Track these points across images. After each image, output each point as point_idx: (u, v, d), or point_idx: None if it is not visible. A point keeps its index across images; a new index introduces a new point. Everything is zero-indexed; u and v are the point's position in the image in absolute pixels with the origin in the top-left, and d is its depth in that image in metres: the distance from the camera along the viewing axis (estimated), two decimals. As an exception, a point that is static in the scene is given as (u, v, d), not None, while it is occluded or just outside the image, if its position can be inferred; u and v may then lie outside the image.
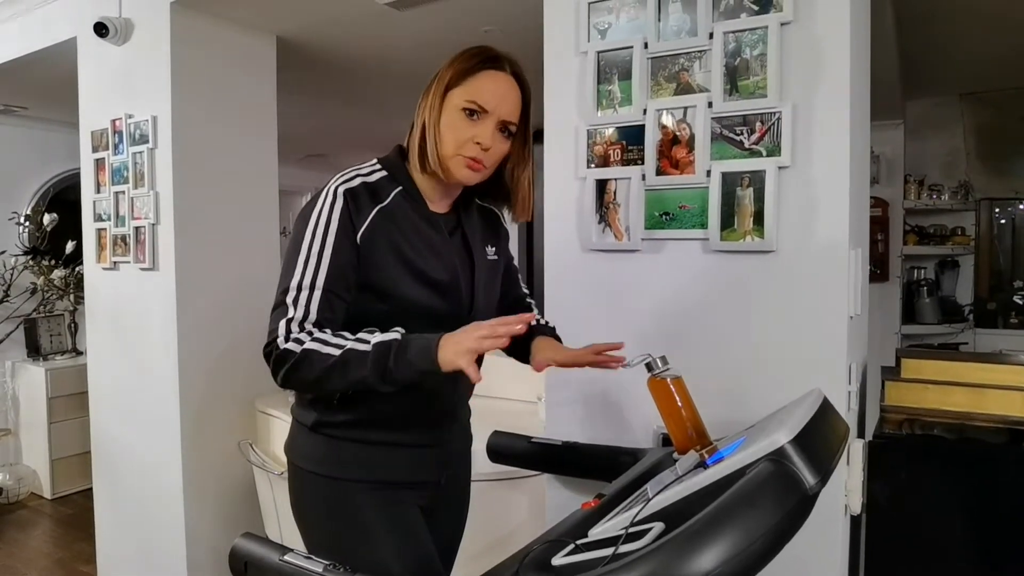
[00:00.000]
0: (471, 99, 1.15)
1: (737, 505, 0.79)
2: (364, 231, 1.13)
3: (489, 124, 1.16)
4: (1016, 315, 4.21)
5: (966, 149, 4.19)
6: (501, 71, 1.18)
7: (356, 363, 1.03)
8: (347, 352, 1.04)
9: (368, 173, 1.19)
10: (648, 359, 1.27)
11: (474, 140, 1.15)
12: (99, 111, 2.72)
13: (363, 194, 1.15)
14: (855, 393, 1.44)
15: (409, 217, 1.19)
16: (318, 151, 5.59)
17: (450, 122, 1.15)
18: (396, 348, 1.03)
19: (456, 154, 1.16)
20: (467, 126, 1.15)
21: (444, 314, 1.22)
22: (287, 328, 1.08)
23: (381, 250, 1.14)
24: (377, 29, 2.73)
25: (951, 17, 2.83)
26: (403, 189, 1.20)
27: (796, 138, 1.38)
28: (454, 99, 1.16)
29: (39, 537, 3.53)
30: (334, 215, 1.12)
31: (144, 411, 2.63)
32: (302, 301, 1.09)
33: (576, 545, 0.93)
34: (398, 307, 1.16)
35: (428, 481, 1.26)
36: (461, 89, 1.16)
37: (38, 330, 4.17)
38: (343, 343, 1.05)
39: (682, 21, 1.48)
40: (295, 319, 1.08)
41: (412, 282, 1.16)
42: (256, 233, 2.74)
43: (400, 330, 1.07)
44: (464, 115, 1.15)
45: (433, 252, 1.20)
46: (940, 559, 1.46)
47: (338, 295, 1.11)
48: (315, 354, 1.05)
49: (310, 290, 1.10)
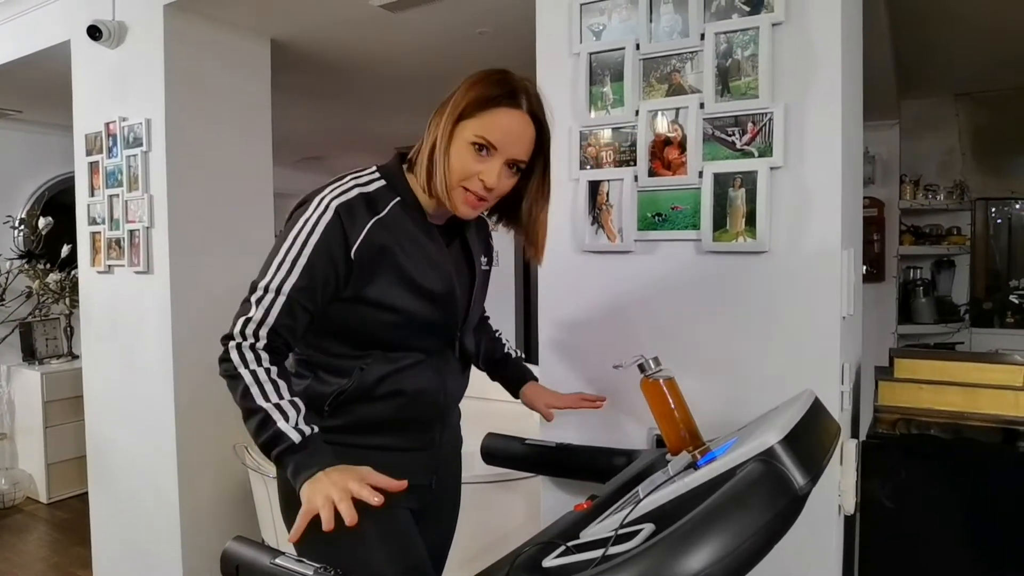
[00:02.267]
0: (481, 135, 1.11)
1: (726, 506, 0.79)
2: (360, 244, 1.12)
3: (496, 163, 1.13)
4: (1012, 314, 4.22)
5: (961, 149, 4.20)
6: (517, 109, 1.13)
7: (261, 426, 1.05)
8: (265, 412, 1.05)
9: (366, 183, 1.17)
10: (641, 360, 1.27)
11: (479, 176, 1.12)
12: (93, 114, 2.72)
13: (359, 206, 1.13)
14: (848, 393, 1.44)
15: (406, 228, 1.17)
16: (314, 153, 5.59)
17: (458, 153, 1.12)
18: (285, 447, 1.03)
19: (459, 186, 1.13)
20: (474, 161, 1.12)
21: (438, 324, 1.22)
22: (243, 328, 1.10)
23: (376, 261, 1.13)
24: (371, 31, 2.73)
25: (945, 19, 2.83)
26: (401, 200, 1.18)
27: (788, 139, 1.38)
28: (465, 131, 1.12)
29: (35, 542, 3.52)
30: (319, 227, 1.10)
31: (139, 414, 2.63)
32: (264, 303, 1.10)
33: (567, 547, 0.93)
34: (392, 317, 1.16)
35: (419, 484, 1.25)
36: (474, 122, 1.11)
37: (33, 334, 4.16)
38: (269, 400, 1.06)
39: (674, 22, 1.49)
40: (253, 320, 1.10)
41: (407, 294, 1.16)
42: (251, 236, 2.73)
43: (309, 430, 1.06)
44: (473, 149, 1.12)
45: (430, 263, 1.19)
46: (934, 559, 1.46)
47: (303, 306, 1.11)
48: (247, 388, 1.06)
49: (275, 294, 1.10)
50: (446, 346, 1.26)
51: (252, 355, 1.09)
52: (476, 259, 1.27)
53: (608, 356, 1.48)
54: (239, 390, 1.07)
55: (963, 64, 3.51)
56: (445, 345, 1.25)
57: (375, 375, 1.17)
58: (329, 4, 2.45)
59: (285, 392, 1.07)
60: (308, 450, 1.03)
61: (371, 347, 1.17)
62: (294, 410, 1.06)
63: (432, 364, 1.23)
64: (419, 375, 1.21)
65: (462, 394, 1.34)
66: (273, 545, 1.93)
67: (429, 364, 1.22)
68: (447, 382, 1.26)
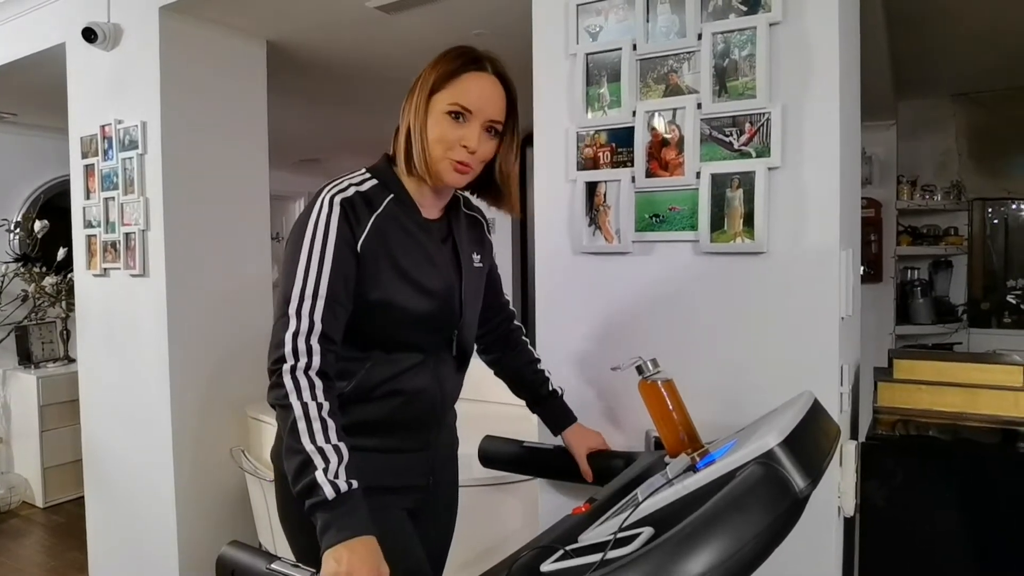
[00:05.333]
0: (456, 102, 1.14)
1: (726, 509, 0.78)
2: (364, 240, 1.12)
3: (475, 126, 1.16)
4: (1010, 315, 4.22)
5: (958, 150, 4.20)
6: (484, 72, 1.17)
7: (300, 470, 1.00)
8: (307, 455, 1.00)
9: (360, 182, 1.18)
10: (639, 362, 1.26)
11: (461, 143, 1.15)
12: (88, 117, 2.71)
13: (359, 203, 1.14)
14: (847, 394, 1.44)
15: (403, 225, 1.18)
16: (310, 155, 5.58)
17: (436, 125, 1.15)
18: (318, 501, 0.99)
19: (444, 157, 1.15)
20: (453, 129, 1.15)
21: (437, 322, 1.21)
22: (293, 346, 1.05)
23: (378, 259, 1.13)
24: (368, 33, 2.72)
25: (942, 20, 2.84)
26: (395, 197, 1.19)
27: (786, 139, 1.38)
28: (439, 103, 1.15)
29: (31, 546, 3.50)
30: (332, 224, 1.10)
31: (136, 418, 2.61)
32: (306, 311, 1.07)
33: (565, 551, 0.92)
34: (393, 314, 1.15)
35: (415, 485, 1.25)
36: (445, 92, 1.15)
37: (29, 338, 4.14)
38: (315, 441, 1.01)
39: (671, 22, 1.48)
40: (301, 332, 1.06)
41: (408, 291, 1.16)
42: (247, 238, 2.73)
43: (346, 486, 1.00)
44: (450, 118, 1.15)
45: (428, 261, 1.20)
46: (934, 560, 1.45)
47: (340, 302, 1.10)
48: (295, 423, 1.02)
49: (313, 297, 1.07)
50: (443, 345, 1.25)
51: (306, 382, 1.05)
52: (463, 256, 1.27)
53: (606, 358, 1.47)
54: (288, 422, 1.03)
55: (960, 65, 3.51)
56: (442, 344, 1.25)
57: (375, 376, 1.17)
58: (325, 6, 2.44)
59: (332, 434, 1.03)
60: (339, 510, 0.98)
61: (371, 347, 1.17)
62: (336, 457, 1.01)
63: (429, 364, 1.22)
64: (416, 376, 1.20)
65: (458, 394, 1.33)
66: (270, 550, 1.92)
67: (426, 364, 1.22)
68: (444, 382, 1.26)
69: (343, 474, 1.00)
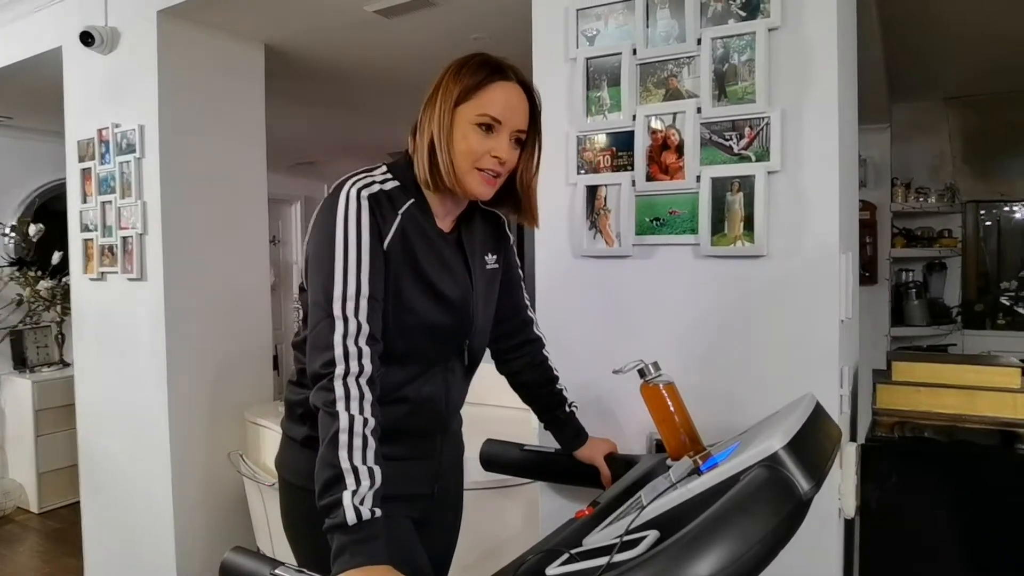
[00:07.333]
0: (485, 112, 1.12)
1: (732, 512, 0.78)
2: (390, 240, 1.11)
3: (504, 136, 1.14)
4: (1003, 316, 4.25)
5: (952, 152, 4.23)
6: (509, 81, 1.15)
7: (328, 485, 0.98)
8: (339, 471, 0.98)
9: (382, 181, 1.15)
10: (640, 365, 1.27)
11: (491, 154, 1.13)
12: (85, 120, 2.70)
13: (384, 201, 1.12)
14: (847, 397, 1.44)
15: (423, 231, 1.16)
16: (307, 159, 5.57)
17: (464, 138, 1.12)
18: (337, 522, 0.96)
19: (472, 169, 1.13)
20: (482, 140, 1.12)
21: (451, 331, 1.20)
22: (344, 350, 1.03)
23: (401, 262, 1.12)
24: (366, 37, 2.72)
25: (935, 24, 2.86)
26: (415, 202, 1.17)
27: (785, 143, 1.38)
28: (465, 114, 1.12)
29: (26, 552, 3.48)
30: (363, 219, 1.08)
31: (132, 423, 2.60)
32: (351, 311, 1.04)
33: (571, 554, 0.92)
34: (409, 320, 1.13)
35: (421, 494, 1.24)
36: (473, 103, 1.12)
37: (24, 342, 4.12)
38: (352, 459, 0.98)
39: (670, 27, 1.49)
40: (350, 333, 1.03)
41: (424, 297, 1.14)
42: (245, 242, 2.72)
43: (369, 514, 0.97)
44: (479, 130, 1.12)
45: (446, 268, 1.18)
46: (933, 561, 1.46)
47: (379, 300, 1.08)
48: (336, 434, 0.99)
49: (357, 297, 1.05)
50: (454, 354, 1.24)
51: (357, 391, 1.02)
52: (473, 264, 1.25)
53: (607, 361, 1.47)
54: (331, 431, 1.00)
55: (953, 69, 3.54)
56: (453, 352, 1.24)
57: (383, 383, 1.13)
58: (323, 9, 2.44)
59: (370, 455, 1.00)
60: (357, 535, 0.96)
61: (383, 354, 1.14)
62: (368, 480, 0.98)
63: (438, 372, 1.21)
64: (425, 384, 1.19)
65: (463, 401, 1.33)
66: (269, 555, 1.91)
67: (435, 372, 1.21)
68: (451, 390, 1.25)
69: (369, 500, 0.97)
